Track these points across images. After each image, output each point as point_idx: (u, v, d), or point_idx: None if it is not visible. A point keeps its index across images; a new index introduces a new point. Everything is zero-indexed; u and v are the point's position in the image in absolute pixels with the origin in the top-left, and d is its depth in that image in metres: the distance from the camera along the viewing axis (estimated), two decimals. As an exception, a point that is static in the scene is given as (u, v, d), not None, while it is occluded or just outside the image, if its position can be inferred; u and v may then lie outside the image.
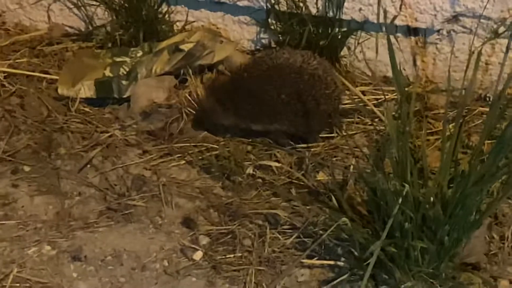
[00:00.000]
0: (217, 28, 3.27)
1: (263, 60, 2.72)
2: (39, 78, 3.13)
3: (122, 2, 3.23)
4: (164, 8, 3.27)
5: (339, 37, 3.08)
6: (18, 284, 2.31)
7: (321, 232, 2.40)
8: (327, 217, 2.38)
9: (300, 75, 2.68)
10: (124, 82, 2.98)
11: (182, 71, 3.03)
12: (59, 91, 2.99)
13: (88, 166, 2.72)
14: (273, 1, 3.07)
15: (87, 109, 2.99)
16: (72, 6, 3.39)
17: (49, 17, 3.46)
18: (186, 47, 3.05)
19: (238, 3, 3.15)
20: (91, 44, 3.35)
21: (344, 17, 3.04)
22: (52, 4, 3.41)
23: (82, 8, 3.37)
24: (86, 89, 2.99)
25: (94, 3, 3.30)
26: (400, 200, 2.07)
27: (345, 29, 3.08)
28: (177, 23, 3.29)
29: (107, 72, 3.04)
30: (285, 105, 2.68)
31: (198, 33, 3.14)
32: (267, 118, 2.73)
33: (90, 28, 3.39)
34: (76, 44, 3.37)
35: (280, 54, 2.72)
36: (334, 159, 2.73)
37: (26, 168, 2.72)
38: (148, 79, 2.98)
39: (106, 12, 3.34)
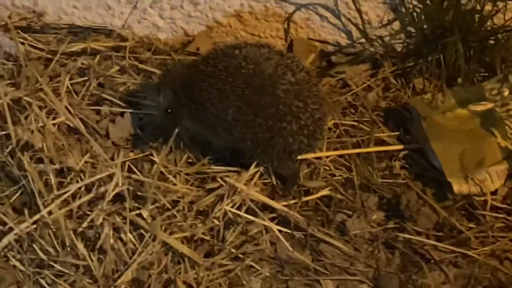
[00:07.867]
0: None
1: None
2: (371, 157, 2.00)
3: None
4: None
5: None
6: None
7: None
8: None
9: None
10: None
11: None
12: (456, 189, 1.87)
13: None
14: None
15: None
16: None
17: (287, 30, 2.22)
18: None
19: None
20: (366, 68, 2.20)
21: None
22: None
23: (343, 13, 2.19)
24: (495, 179, 1.90)
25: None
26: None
27: None
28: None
29: (501, 141, 1.96)
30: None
31: None
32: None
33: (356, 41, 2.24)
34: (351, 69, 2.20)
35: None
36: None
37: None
38: None
39: (377, 17, 2.20)
